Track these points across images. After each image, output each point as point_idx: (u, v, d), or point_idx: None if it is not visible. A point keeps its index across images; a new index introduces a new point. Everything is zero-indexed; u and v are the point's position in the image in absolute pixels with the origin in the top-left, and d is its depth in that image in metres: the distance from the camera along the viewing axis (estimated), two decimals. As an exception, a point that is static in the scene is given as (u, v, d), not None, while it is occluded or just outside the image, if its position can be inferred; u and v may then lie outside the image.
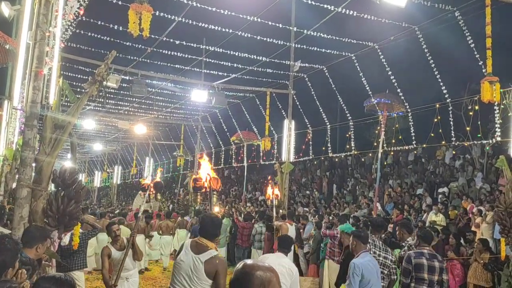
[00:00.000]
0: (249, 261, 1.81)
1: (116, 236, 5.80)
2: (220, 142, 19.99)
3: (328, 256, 8.82)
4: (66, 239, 7.22)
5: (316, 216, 12.25)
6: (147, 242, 11.19)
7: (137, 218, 4.50)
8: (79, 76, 13.63)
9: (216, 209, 13.88)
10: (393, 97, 12.18)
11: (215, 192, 4.87)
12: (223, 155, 19.77)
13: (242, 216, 13.36)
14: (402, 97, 11.83)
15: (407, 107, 11.91)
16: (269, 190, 9.25)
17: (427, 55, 10.55)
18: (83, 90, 5.23)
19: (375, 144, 14.18)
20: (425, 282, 5.05)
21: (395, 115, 12.96)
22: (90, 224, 7.84)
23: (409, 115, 11.85)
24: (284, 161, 14.60)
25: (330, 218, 11.33)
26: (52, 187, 5.09)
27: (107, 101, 16.38)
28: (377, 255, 5.30)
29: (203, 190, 4.89)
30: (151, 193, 4.57)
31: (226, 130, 19.11)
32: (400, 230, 6.03)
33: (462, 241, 9.23)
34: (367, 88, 12.39)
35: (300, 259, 10.67)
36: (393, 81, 11.56)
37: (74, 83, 13.45)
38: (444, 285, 5.10)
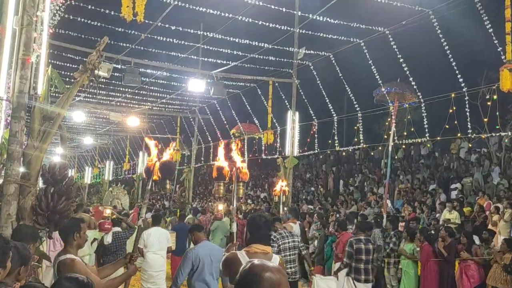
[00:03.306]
0: (256, 262, 1.80)
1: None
2: (219, 135, 19.98)
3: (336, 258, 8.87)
4: (109, 238, 8.12)
5: (316, 215, 12.21)
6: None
7: (139, 228, 4.39)
8: (68, 64, 13.59)
9: (220, 207, 14.04)
10: (405, 87, 12.14)
11: (241, 184, 4.84)
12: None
13: (242, 214, 13.41)
14: (415, 86, 11.79)
15: (420, 97, 11.87)
16: (278, 186, 9.27)
17: (442, 41, 10.50)
18: (73, 80, 5.21)
19: (385, 137, 14.17)
20: (362, 261, 7.16)
21: (406, 105, 12.93)
22: (127, 223, 8.40)
23: (422, 105, 11.81)
24: (288, 155, 14.59)
25: (338, 216, 11.34)
26: (41, 183, 5.09)
27: (98, 91, 16.35)
28: (286, 242, 6.89)
29: (227, 180, 4.87)
30: (157, 178, 4.49)
31: (225, 122, 19.09)
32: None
33: (477, 240, 9.24)
34: (377, 76, 12.35)
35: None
36: (405, 69, 11.51)
37: (64, 72, 13.37)
38: (373, 261, 7.42)
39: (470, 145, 17.06)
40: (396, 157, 19.50)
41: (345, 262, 7.28)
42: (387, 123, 14.48)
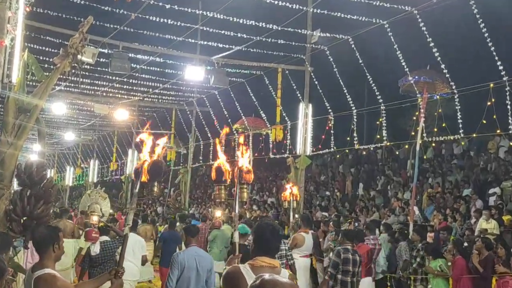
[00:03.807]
0: (267, 277, 1.80)
1: None
2: (220, 131, 19.98)
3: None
4: (96, 248, 8.28)
5: (332, 223, 12.19)
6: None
7: (125, 237, 4.44)
8: (47, 48, 13.62)
9: (218, 213, 14.04)
10: (436, 75, 12.06)
11: (245, 186, 4.83)
12: (223, 146, 19.79)
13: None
14: (447, 75, 11.72)
15: (453, 87, 11.80)
16: (288, 189, 9.26)
17: (480, 22, 10.41)
18: (52, 66, 5.22)
19: (412, 133, 14.09)
20: (349, 273, 7.33)
21: (437, 97, 12.85)
22: (116, 231, 8.57)
23: (456, 97, 11.74)
24: (299, 154, 14.55)
25: (356, 225, 11.33)
26: (15, 185, 5.10)
27: (81, 79, 16.40)
28: None
29: (228, 182, 4.86)
30: (146, 181, 4.51)
31: (227, 116, 19.09)
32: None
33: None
34: (403, 63, 12.28)
35: (319, 275, 10.68)
36: (436, 54, 11.44)
37: (42, 58, 13.46)
38: (358, 275, 7.53)
39: (511, 144, 16.93)
40: (424, 157, 19.39)
41: (330, 273, 7.42)
42: (414, 118, 14.39)
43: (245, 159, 4.98)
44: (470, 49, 17.91)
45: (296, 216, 11.28)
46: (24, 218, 4.66)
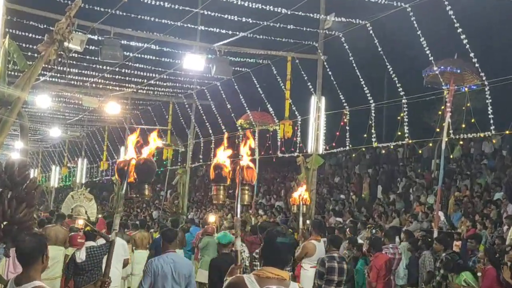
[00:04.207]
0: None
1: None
2: (223, 127, 19.99)
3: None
4: (82, 255, 8.36)
5: (348, 230, 12.20)
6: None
7: (111, 244, 4.50)
8: (31, 35, 13.66)
9: (211, 219, 14.01)
10: (464, 65, 12.02)
11: (247, 187, 4.85)
12: (226, 144, 19.82)
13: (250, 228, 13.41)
14: (476, 65, 11.67)
15: (483, 78, 11.75)
16: (298, 192, 9.26)
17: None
18: (36, 55, 5.24)
19: (437, 130, 14.07)
20: (334, 282, 7.53)
21: (466, 89, 12.80)
22: (103, 236, 8.66)
23: (486, 89, 11.69)
24: (311, 153, 14.54)
25: (373, 232, 11.32)
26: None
27: (68, 69, 16.45)
28: None
29: (228, 182, 4.88)
30: (134, 181, 4.53)
31: (230, 110, 19.09)
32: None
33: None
34: (428, 52, 12.24)
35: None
36: (464, 41, 11.39)
37: (25, 45, 13.48)
38: (345, 284, 7.82)
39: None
40: (451, 157, 19.34)
41: (317, 284, 7.71)
42: (440, 112, 14.37)
43: (245, 152, 4.99)
44: (503, 36, 17.82)
45: (308, 222, 11.30)
46: (4, 223, 4.68)
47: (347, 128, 14.74)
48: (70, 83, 19.45)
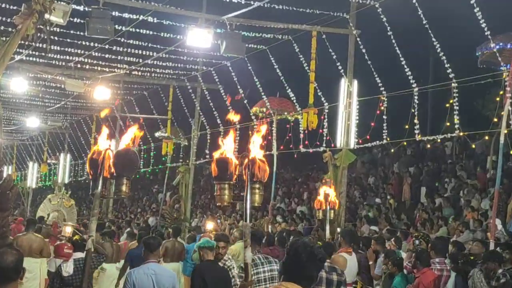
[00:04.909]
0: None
1: None
2: (233, 115, 19.97)
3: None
4: (69, 268, 8.54)
5: (394, 240, 12.17)
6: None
7: (87, 254, 4.56)
8: (4, 5, 13.73)
9: (210, 226, 13.93)
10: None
11: (258, 185, 4.87)
12: (238, 137, 19.79)
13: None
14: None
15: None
16: (321, 193, 9.26)
17: None
18: (11, 29, 5.31)
19: (495, 120, 13.94)
20: None
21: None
22: (96, 247, 8.83)
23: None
24: (340, 147, 14.51)
25: (417, 243, 11.27)
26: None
27: (49, 46, 16.54)
28: (261, 271, 7.58)
29: (234, 179, 4.90)
30: (107, 175, 4.57)
31: (243, 95, 19.08)
32: None
33: None
34: (483, 25, 12.14)
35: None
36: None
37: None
38: None
39: None
40: (511, 153, 19.20)
41: None
42: (497, 99, 14.24)
43: (256, 146, 4.98)
44: None
45: (339, 230, 11.28)
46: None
47: (384, 117, 14.66)
48: (51, 63, 19.55)
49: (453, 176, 20.63)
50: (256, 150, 4.98)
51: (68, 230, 11.06)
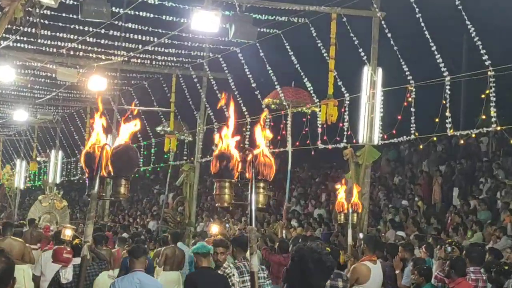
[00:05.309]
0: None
1: None
2: (244, 108, 19.98)
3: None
4: (68, 274, 8.66)
5: (425, 247, 12.13)
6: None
7: (83, 260, 4.62)
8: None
9: (214, 229, 13.93)
10: None
11: (262, 185, 4.86)
12: (248, 131, 19.80)
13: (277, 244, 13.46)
14: None
15: None
16: (341, 193, 9.24)
17: None
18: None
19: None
20: None
21: None
22: (94, 252, 9.01)
23: None
24: (362, 143, 14.48)
25: (449, 250, 11.23)
26: None
27: (39, 31, 16.58)
28: (247, 279, 8.00)
29: (235, 176, 4.88)
30: (104, 174, 4.59)
31: (254, 85, 19.08)
32: None
33: None
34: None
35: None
36: None
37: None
38: None
39: None
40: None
41: None
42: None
43: (261, 141, 4.95)
44: None
45: (361, 235, 11.26)
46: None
47: (412, 110, 14.63)
48: (41, 49, 19.62)
49: (489, 176, 20.57)
50: (261, 144, 4.94)
51: (68, 233, 11.07)
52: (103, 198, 4.66)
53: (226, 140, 4.79)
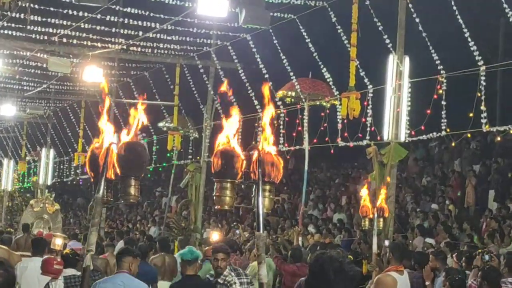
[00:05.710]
0: None
1: None
2: (255, 102, 20.00)
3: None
4: (58, 286, 8.80)
5: (456, 256, 12.15)
6: None
7: (85, 270, 4.64)
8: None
9: (215, 237, 13.90)
10: None
11: (268, 187, 4.88)
12: (260, 127, 19.84)
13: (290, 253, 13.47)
14: None
15: None
16: (364, 194, 9.26)
17: None
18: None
19: None
20: None
21: None
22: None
23: None
24: (388, 141, 14.48)
25: (487, 259, 11.24)
26: None
27: (29, 17, 16.68)
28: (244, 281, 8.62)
29: (239, 177, 4.91)
30: (111, 176, 4.63)
31: (267, 76, 19.09)
32: None
33: None
34: None
35: None
36: None
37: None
38: None
39: None
40: None
41: None
42: None
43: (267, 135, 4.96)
44: None
45: (386, 243, 11.27)
46: None
47: (443, 103, 14.64)
48: (31, 37, 19.67)
49: (529, 177, 20.57)
50: (268, 142, 4.95)
51: (58, 242, 11.17)
52: (110, 204, 4.70)
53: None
